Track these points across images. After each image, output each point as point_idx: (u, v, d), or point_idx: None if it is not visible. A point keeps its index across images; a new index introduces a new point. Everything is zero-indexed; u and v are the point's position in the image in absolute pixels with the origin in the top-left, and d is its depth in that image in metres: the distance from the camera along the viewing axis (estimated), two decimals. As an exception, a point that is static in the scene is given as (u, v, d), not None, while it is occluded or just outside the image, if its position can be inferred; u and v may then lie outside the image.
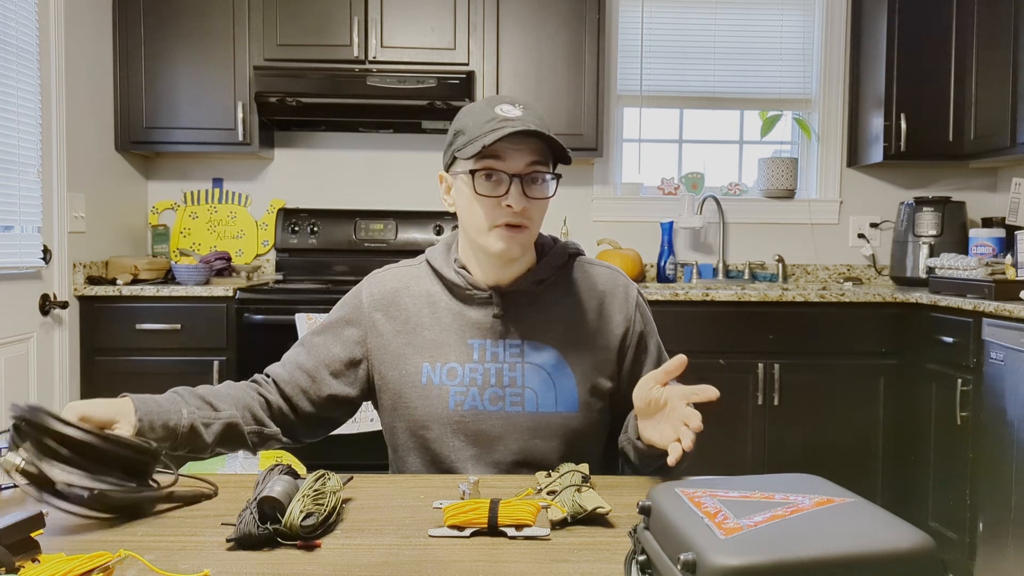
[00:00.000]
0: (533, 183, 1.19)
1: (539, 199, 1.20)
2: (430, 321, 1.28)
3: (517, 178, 1.17)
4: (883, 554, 0.63)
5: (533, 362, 1.25)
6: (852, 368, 2.95)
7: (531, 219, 1.20)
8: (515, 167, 1.17)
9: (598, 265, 1.36)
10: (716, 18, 3.60)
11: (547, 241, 1.34)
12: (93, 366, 2.85)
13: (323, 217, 3.40)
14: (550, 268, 1.30)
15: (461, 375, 1.25)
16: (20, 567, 0.79)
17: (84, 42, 2.89)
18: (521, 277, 1.28)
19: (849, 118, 3.60)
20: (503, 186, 1.17)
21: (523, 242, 1.21)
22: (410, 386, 1.26)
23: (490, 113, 1.18)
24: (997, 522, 2.45)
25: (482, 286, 1.27)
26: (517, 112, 1.18)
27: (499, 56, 3.18)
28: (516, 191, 1.17)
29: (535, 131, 1.14)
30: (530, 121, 1.17)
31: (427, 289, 1.31)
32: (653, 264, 3.56)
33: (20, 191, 2.50)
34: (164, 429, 1.12)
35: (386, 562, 0.86)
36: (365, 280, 1.36)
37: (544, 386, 1.25)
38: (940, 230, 3.31)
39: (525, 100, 1.23)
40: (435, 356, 1.26)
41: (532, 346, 1.26)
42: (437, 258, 1.32)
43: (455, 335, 1.27)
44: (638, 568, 0.74)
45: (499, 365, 1.25)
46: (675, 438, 1.04)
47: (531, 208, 1.19)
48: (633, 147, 3.68)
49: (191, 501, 1.05)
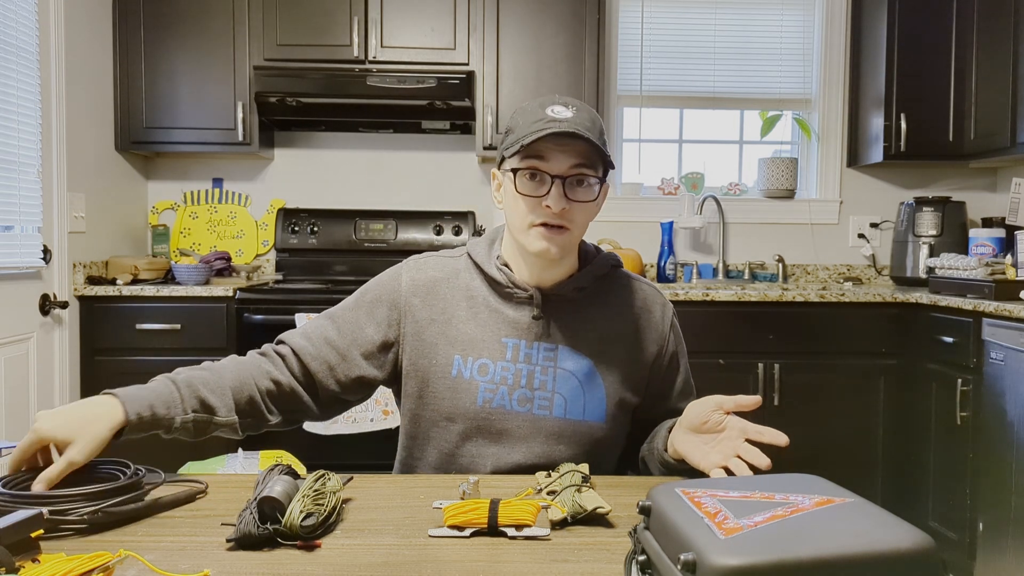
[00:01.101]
0: (576, 185, 1.18)
1: (581, 202, 1.19)
2: (467, 315, 1.27)
3: (560, 179, 1.16)
4: (883, 554, 0.63)
5: (566, 368, 1.25)
6: (852, 368, 2.95)
7: (572, 221, 1.19)
8: (558, 168, 1.17)
9: (639, 281, 1.36)
10: (716, 18, 3.60)
11: (591, 250, 1.34)
12: (93, 366, 2.85)
13: (323, 217, 3.40)
14: (592, 277, 1.29)
15: (492, 372, 1.24)
16: (20, 567, 0.79)
17: (84, 42, 2.89)
18: (563, 282, 1.27)
19: (849, 118, 3.60)
20: (545, 186, 1.17)
21: (562, 243, 1.19)
22: (439, 377, 1.25)
23: (539, 113, 1.17)
24: (997, 522, 2.45)
25: (524, 285, 1.26)
26: (568, 113, 1.17)
27: (499, 56, 3.18)
28: (556, 192, 1.16)
29: (579, 134, 1.14)
30: (578, 123, 1.16)
31: (467, 282, 1.30)
32: (653, 264, 3.56)
33: (20, 191, 2.50)
34: (153, 433, 1.11)
35: (386, 562, 0.86)
36: (405, 264, 1.33)
37: (574, 394, 1.25)
38: (940, 230, 3.31)
39: (579, 102, 1.21)
40: (468, 350, 1.25)
41: (566, 352, 1.26)
42: (480, 252, 1.30)
43: (490, 331, 1.26)
44: (638, 568, 0.74)
45: (531, 367, 1.24)
46: (720, 464, 1.05)
47: (572, 210, 1.18)
48: (633, 147, 3.68)
49: (184, 501, 1.05)
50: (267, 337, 1.37)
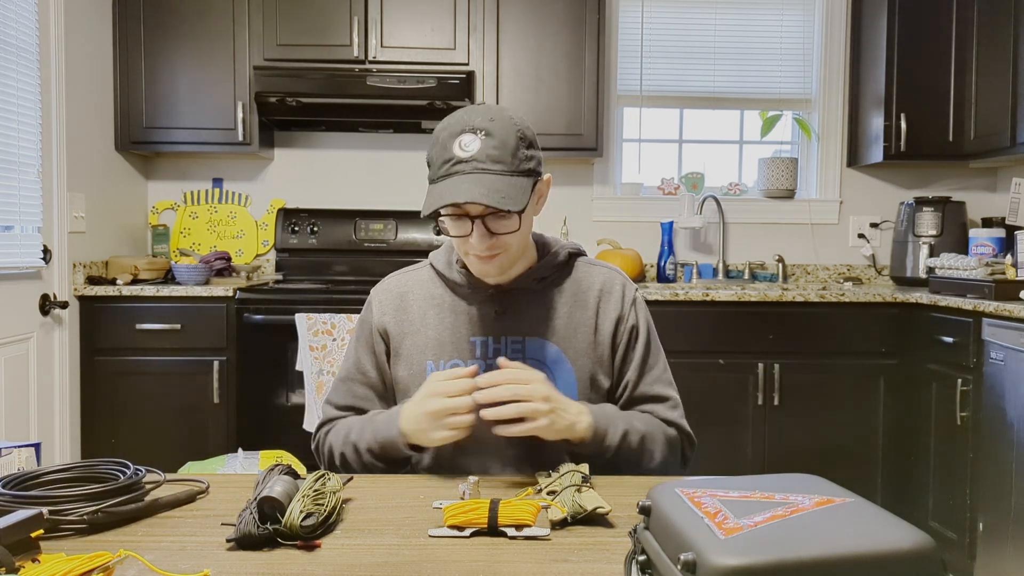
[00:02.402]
0: (497, 219, 1.18)
1: (505, 233, 1.20)
2: (435, 321, 1.32)
3: (479, 219, 1.18)
4: (883, 554, 0.63)
5: (534, 357, 1.28)
6: (852, 368, 2.95)
7: (504, 246, 1.21)
8: (475, 210, 1.17)
9: (598, 265, 1.39)
10: (716, 18, 3.60)
11: (549, 240, 1.37)
12: (93, 366, 2.85)
13: (323, 217, 3.40)
14: (550, 267, 1.32)
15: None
16: (20, 567, 0.79)
17: (84, 42, 2.89)
18: (522, 275, 1.30)
19: (849, 118, 3.60)
20: (468, 225, 1.19)
21: (500, 264, 1.24)
22: (416, 384, 1.28)
23: (448, 151, 1.16)
24: (997, 522, 2.45)
25: (483, 284, 1.29)
26: (475, 146, 1.15)
27: (499, 56, 3.18)
28: (478, 232, 1.18)
29: (474, 188, 1.13)
30: (483, 157, 1.14)
31: (431, 291, 1.34)
32: (653, 264, 3.56)
33: (20, 191, 2.50)
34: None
35: (386, 562, 0.86)
36: (373, 291, 1.40)
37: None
38: (940, 230, 3.30)
39: (494, 118, 1.18)
40: (438, 354, 1.30)
41: (533, 342, 1.29)
42: (440, 260, 1.35)
43: (458, 333, 1.30)
44: (638, 568, 0.74)
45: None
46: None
47: (500, 241, 1.20)
48: (633, 147, 3.68)
49: (184, 501, 1.05)
50: (267, 337, 1.38)
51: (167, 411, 2.84)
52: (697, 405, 1.37)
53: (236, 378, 2.85)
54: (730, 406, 2.93)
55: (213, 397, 2.84)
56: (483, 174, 1.14)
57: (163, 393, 2.84)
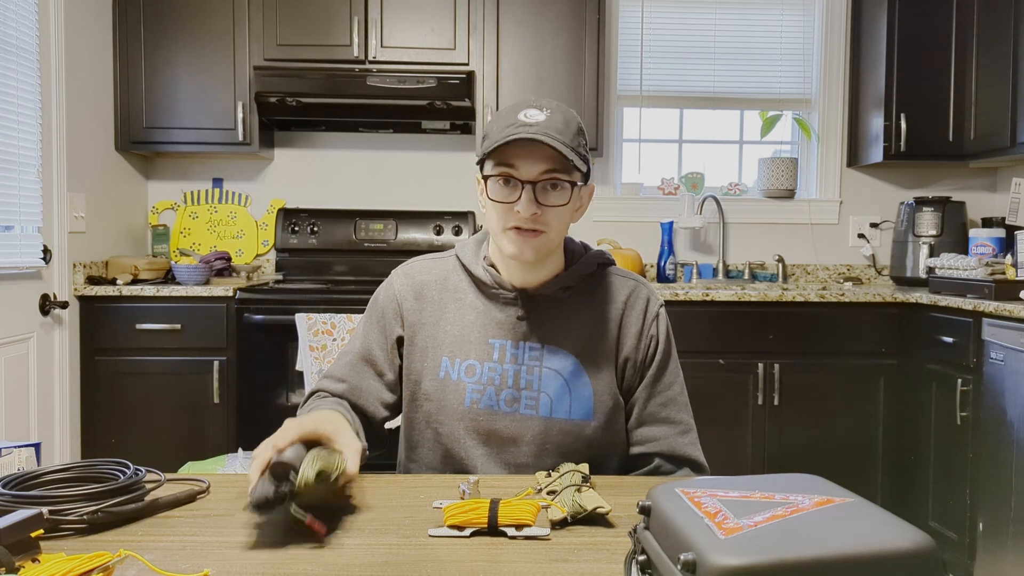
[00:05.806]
0: (548, 190, 1.18)
1: (553, 206, 1.19)
2: (454, 316, 1.29)
3: (530, 185, 1.17)
4: (883, 554, 0.63)
5: (551, 367, 1.25)
6: (852, 368, 2.95)
7: (547, 224, 1.19)
8: (528, 174, 1.17)
9: (628, 277, 1.35)
10: (716, 18, 3.60)
11: (578, 248, 1.34)
12: (93, 366, 2.85)
13: (323, 217, 3.40)
14: (577, 276, 1.29)
15: (480, 373, 1.25)
16: (20, 567, 0.79)
17: (84, 42, 2.89)
18: (548, 282, 1.27)
19: (849, 118, 3.60)
20: (516, 192, 1.17)
21: (536, 246, 1.20)
22: (428, 378, 1.27)
23: (512, 117, 1.18)
24: (997, 522, 2.45)
25: (508, 286, 1.27)
26: (540, 116, 1.17)
27: (499, 56, 3.18)
28: (527, 197, 1.16)
29: (544, 140, 1.13)
30: (550, 127, 1.16)
31: (455, 284, 1.31)
32: (653, 264, 3.56)
33: (20, 191, 2.50)
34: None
35: (386, 562, 0.86)
36: (395, 271, 1.36)
37: (559, 392, 1.25)
38: (940, 230, 3.30)
39: (557, 104, 1.21)
40: (455, 351, 1.27)
41: (552, 351, 1.26)
42: (467, 254, 1.32)
43: (477, 332, 1.27)
44: (638, 568, 0.74)
45: (518, 367, 1.25)
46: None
47: (545, 214, 1.18)
48: (633, 147, 3.68)
49: (184, 501, 1.05)
50: (267, 337, 1.38)
51: (167, 411, 2.84)
52: (697, 405, 1.36)
53: (236, 378, 2.85)
54: (730, 406, 2.93)
55: (213, 397, 2.84)
56: (548, 137, 1.15)
57: (163, 393, 2.84)
